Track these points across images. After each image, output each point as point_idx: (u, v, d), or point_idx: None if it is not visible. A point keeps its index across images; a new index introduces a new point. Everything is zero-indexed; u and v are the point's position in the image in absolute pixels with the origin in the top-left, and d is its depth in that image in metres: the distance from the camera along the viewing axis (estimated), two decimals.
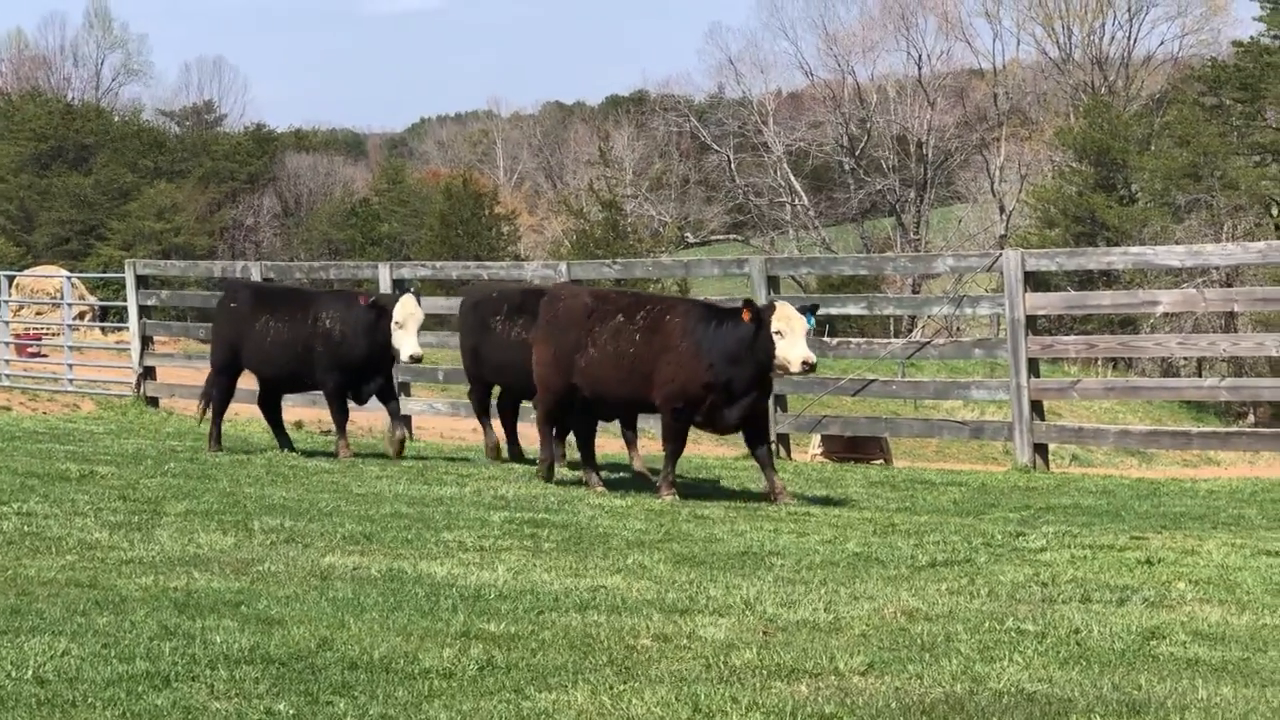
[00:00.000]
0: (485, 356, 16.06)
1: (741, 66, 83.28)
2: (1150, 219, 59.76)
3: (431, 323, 25.92)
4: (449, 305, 23.85)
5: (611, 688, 6.34)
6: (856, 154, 76.81)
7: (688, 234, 77.98)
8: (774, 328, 12.66)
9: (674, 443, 13.46)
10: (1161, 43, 79.55)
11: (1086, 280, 46.84)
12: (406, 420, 19.89)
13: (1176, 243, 45.27)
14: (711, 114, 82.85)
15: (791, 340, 12.64)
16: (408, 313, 15.59)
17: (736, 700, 6.12)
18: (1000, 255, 17.78)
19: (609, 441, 14.91)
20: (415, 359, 15.80)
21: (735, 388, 12.94)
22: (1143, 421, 39.68)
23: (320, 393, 16.85)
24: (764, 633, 7.51)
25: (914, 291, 56.33)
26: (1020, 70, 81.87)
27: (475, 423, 22.84)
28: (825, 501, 13.44)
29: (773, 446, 17.49)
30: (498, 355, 15.80)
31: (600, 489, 13.73)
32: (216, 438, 16.74)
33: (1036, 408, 16.94)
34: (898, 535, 11.14)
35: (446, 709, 6.03)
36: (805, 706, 6.05)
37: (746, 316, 12.78)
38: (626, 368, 13.28)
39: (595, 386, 13.56)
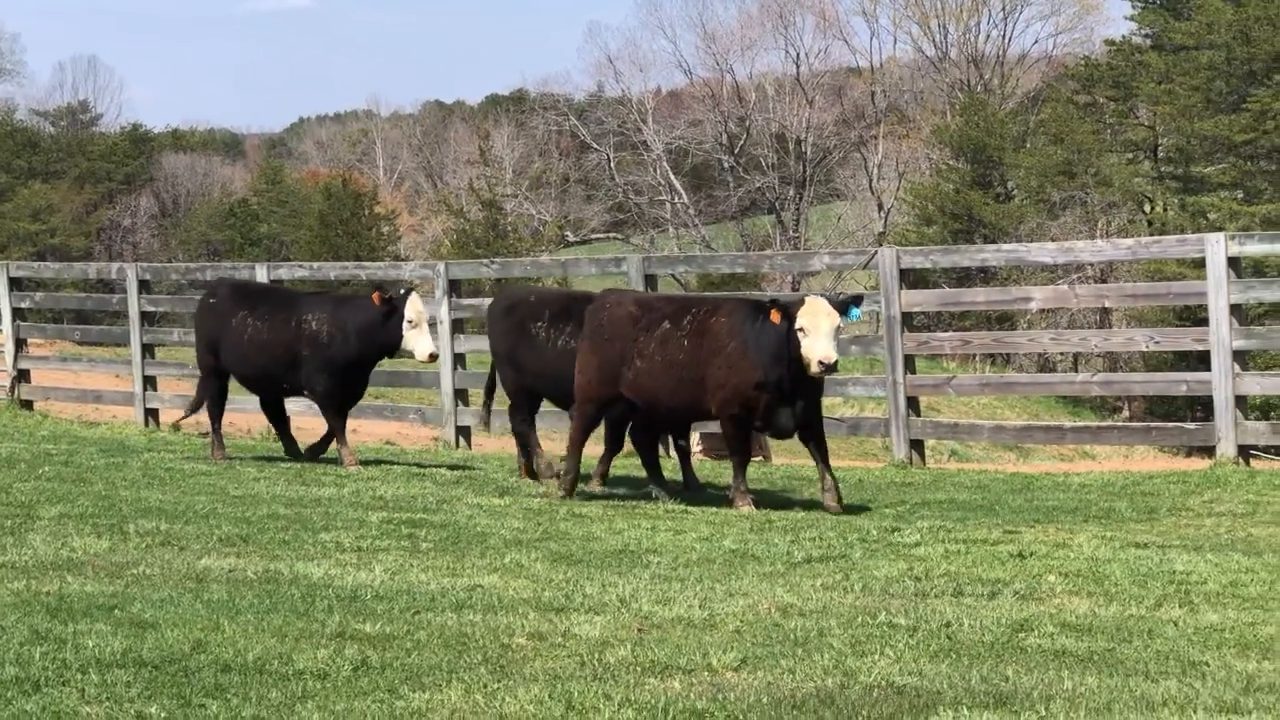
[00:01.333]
0: (526, 364, 14.77)
1: (620, 65, 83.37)
2: (1026, 216, 60.36)
3: None
4: None
5: (485, 686, 6.36)
6: (736, 152, 77.04)
7: (568, 233, 77.87)
8: (798, 324, 12.21)
9: (739, 453, 12.97)
10: (1036, 41, 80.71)
11: (964, 277, 47.21)
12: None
13: (1051, 239, 45.78)
14: (591, 113, 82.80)
15: (814, 338, 12.18)
16: (419, 310, 15.09)
17: (609, 697, 6.15)
18: (876, 253, 17.92)
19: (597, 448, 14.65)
20: (434, 356, 15.42)
21: (786, 388, 12.46)
22: (1019, 416, 40.11)
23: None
24: (639, 630, 7.54)
25: (794, 289, 56.57)
26: (897, 68, 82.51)
27: (355, 422, 22.84)
28: (708, 499, 13.49)
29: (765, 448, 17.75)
30: (539, 363, 14.59)
31: (668, 500, 13.21)
32: (219, 445, 16.23)
33: (913, 404, 17.09)
34: (774, 531, 11.20)
35: (320, 710, 6.02)
36: (677, 703, 6.08)
37: (776, 317, 12.29)
38: (676, 376, 12.78)
39: (647, 397, 13.06)
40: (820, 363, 12.13)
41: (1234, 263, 15.23)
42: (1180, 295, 17.26)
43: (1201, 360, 15.45)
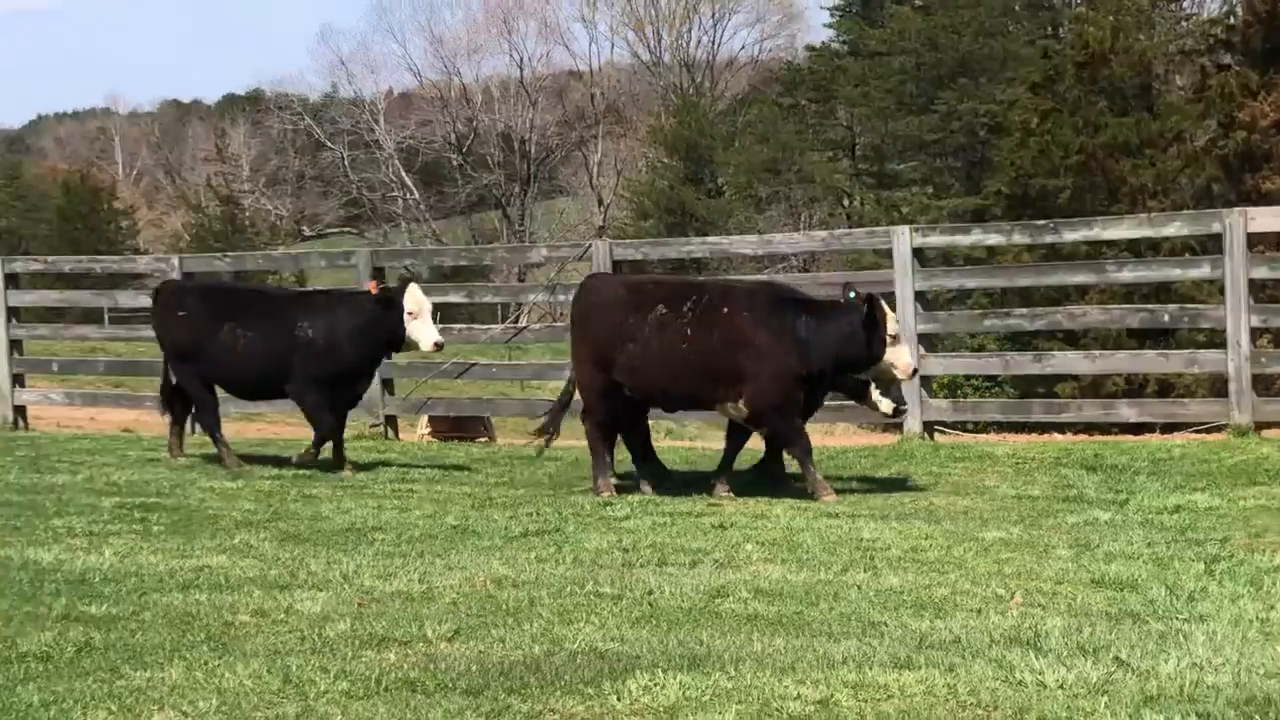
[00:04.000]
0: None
1: (353, 67, 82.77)
2: (735, 210, 61.12)
3: (51, 315, 25.07)
4: (62, 299, 23.16)
5: (206, 663, 6.24)
6: (464, 151, 76.86)
7: (304, 227, 76.99)
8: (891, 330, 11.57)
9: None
10: (743, 47, 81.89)
11: (679, 268, 47.56)
12: (23, 410, 19.28)
13: (758, 232, 46.34)
14: (325, 112, 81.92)
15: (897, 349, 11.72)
16: (419, 301, 13.67)
17: (326, 670, 6.07)
18: (590, 245, 18.01)
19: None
20: (439, 346, 13.85)
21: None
22: None
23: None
24: (359, 604, 7.47)
25: (520, 280, 56.59)
26: (615, 72, 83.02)
27: (94, 410, 22.30)
28: (430, 479, 13.41)
29: (384, 428, 17.52)
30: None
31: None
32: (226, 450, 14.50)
33: None
34: (495, 508, 11.18)
35: (40, 691, 5.85)
36: (391, 673, 6.04)
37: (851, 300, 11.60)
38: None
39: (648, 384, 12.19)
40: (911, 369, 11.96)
41: (919, 253, 15.61)
42: (869, 284, 17.58)
43: None
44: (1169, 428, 15.78)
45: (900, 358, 11.70)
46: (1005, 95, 49.74)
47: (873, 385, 12.22)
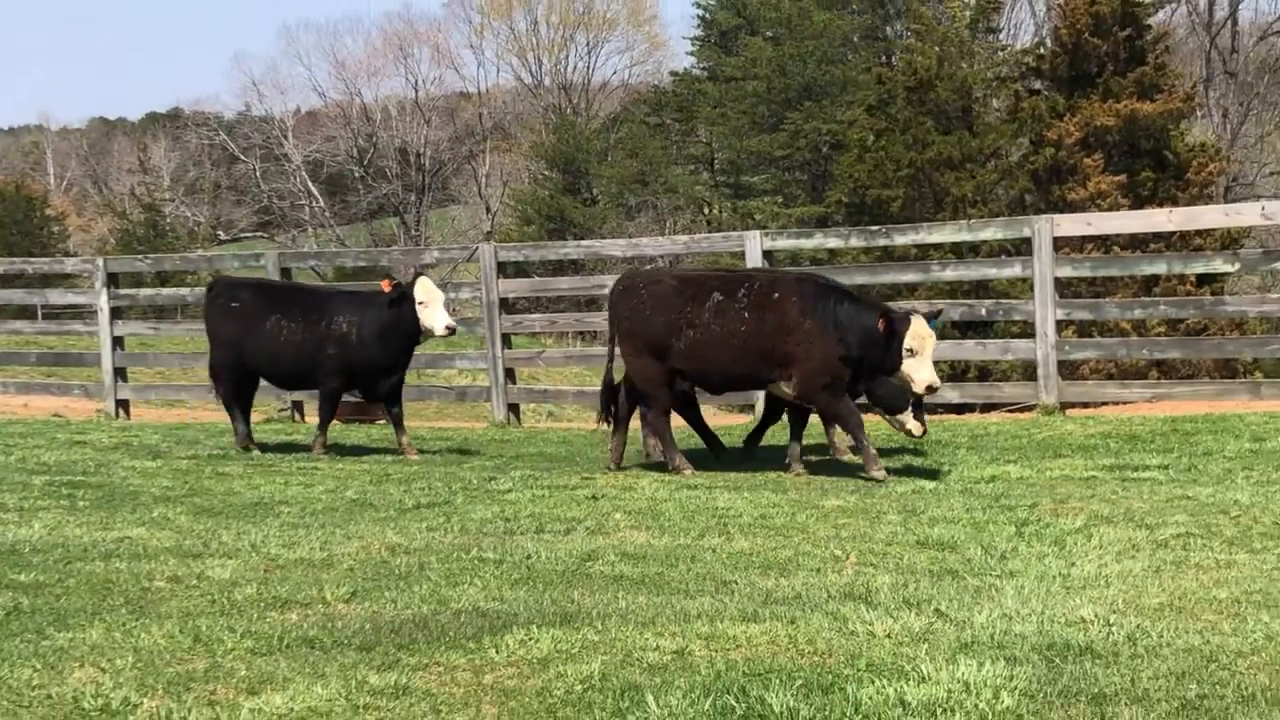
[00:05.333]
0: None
1: (264, 88, 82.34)
2: (609, 217, 61.02)
3: None
4: None
5: (124, 625, 6.13)
6: (365, 163, 76.24)
7: (220, 232, 75.95)
8: (907, 344, 10.73)
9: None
10: (615, 72, 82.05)
11: (559, 269, 47.52)
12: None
13: (629, 236, 46.41)
14: (239, 129, 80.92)
15: (920, 360, 10.81)
16: (428, 290, 13.17)
17: (233, 629, 5.99)
18: (477, 248, 17.93)
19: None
20: (452, 330, 13.28)
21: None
22: None
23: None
24: (265, 570, 7.37)
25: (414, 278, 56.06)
26: (501, 93, 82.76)
27: (26, 397, 21.87)
28: (332, 457, 13.29)
29: (291, 411, 17.30)
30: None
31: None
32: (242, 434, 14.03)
33: (510, 374, 17.17)
34: (390, 483, 11.10)
35: None
36: (292, 631, 5.96)
37: (882, 325, 10.82)
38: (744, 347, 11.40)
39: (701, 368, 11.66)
40: (929, 387, 10.86)
41: (768, 255, 15.69)
42: None
43: None
44: (987, 407, 16.02)
45: (917, 372, 10.81)
46: (845, 116, 50.00)
47: (909, 408, 11.62)
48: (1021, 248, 15.60)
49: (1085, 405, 15.62)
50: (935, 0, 50.66)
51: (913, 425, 11.75)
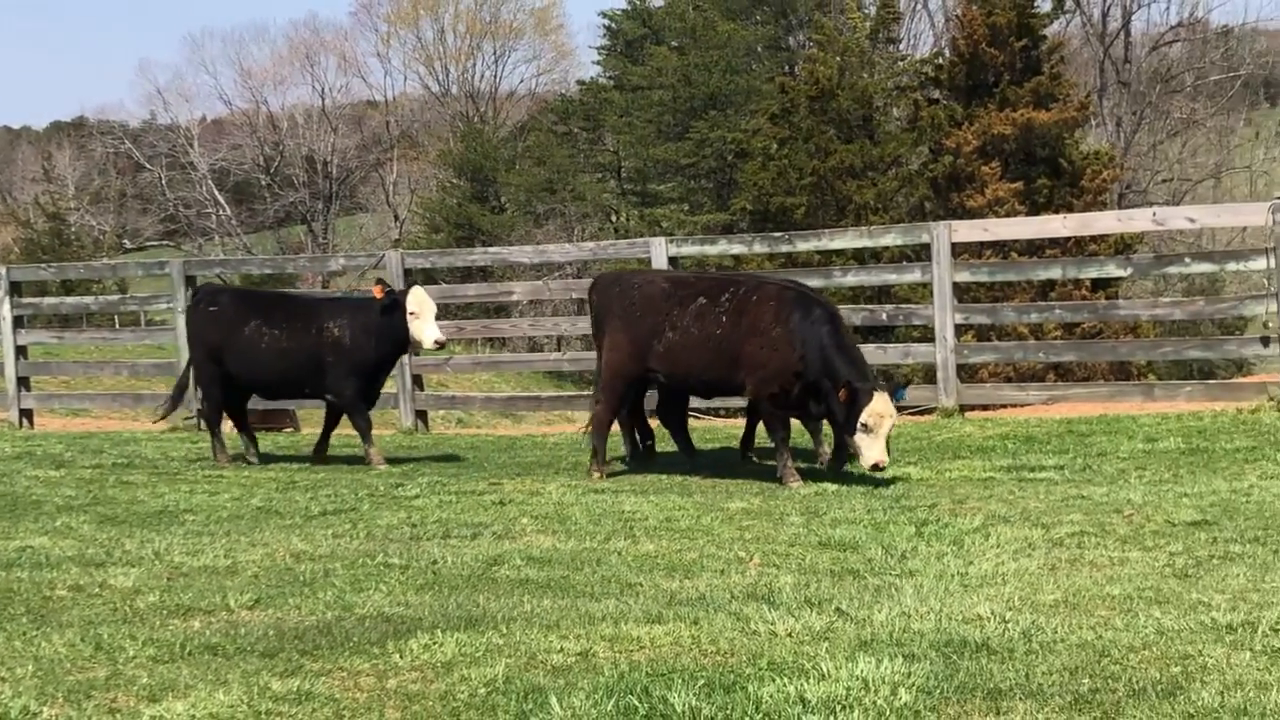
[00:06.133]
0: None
1: (169, 96, 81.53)
2: (517, 225, 60.94)
3: None
4: None
5: (25, 633, 6.03)
6: (272, 172, 75.67)
7: (126, 241, 75.03)
8: (863, 419, 10.39)
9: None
10: (522, 81, 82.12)
11: (467, 275, 47.34)
12: None
13: (537, 244, 46.32)
14: (144, 137, 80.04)
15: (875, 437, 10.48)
16: (421, 301, 12.78)
17: (135, 637, 5.90)
18: (384, 255, 17.83)
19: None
20: (441, 344, 12.92)
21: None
22: (514, 389, 40.52)
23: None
24: (168, 578, 7.28)
25: (324, 287, 55.71)
26: (408, 102, 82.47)
27: None
28: (238, 465, 13.16)
29: (197, 420, 17.08)
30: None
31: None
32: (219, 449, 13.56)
33: (418, 380, 17.08)
34: (297, 490, 11.02)
35: None
36: (195, 639, 5.89)
37: (843, 395, 10.51)
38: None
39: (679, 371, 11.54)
40: (874, 465, 10.47)
41: (674, 261, 15.72)
42: None
43: None
44: None
45: (866, 449, 10.46)
46: (749, 125, 50.27)
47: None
48: (921, 253, 15.73)
49: (984, 408, 15.77)
50: (836, 11, 51.07)
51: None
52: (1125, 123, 56.09)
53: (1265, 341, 13.76)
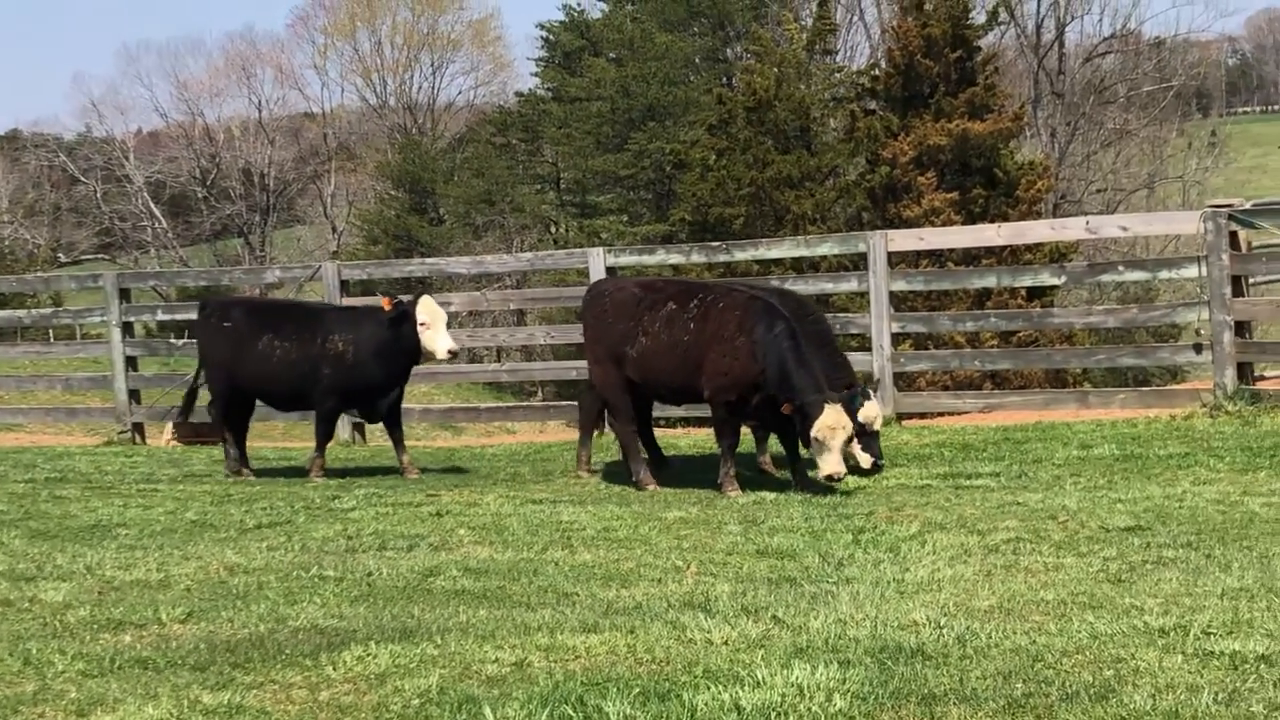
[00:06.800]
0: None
1: (104, 109, 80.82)
2: (456, 237, 60.75)
3: None
4: None
5: None
6: (208, 184, 75.18)
7: (60, 254, 74.28)
8: (814, 433, 10.36)
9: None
10: (460, 92, 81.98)
11: (405, 287, 47.15)
12: None
13: (481, 254, 46.21)
14: (79, 150, 79.39)
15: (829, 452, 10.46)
16: (431, 311, 12.50)
17: (64, 652, 5.83)
18: (320, 266, 17.75)
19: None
20: (454, 354, 12.67)
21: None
22: (453, 401, 40.34)
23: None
24: (99, 592, 7.20)
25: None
26: (346, 114, 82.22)
27: None
28: (173, 479, 13.04)
29: (131, 434, 16.93)
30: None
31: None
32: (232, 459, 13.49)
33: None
34: (232, 504, 10.91)
35: None
36: (126, 653, 5.82)
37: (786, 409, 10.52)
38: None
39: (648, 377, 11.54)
40: (828, 476, 10.38)
41: (612, 270, 15.71)
42: (570, 298, 17.64)
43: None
44: None
45: (820, 461, 10.50)
46: (687, 136, 50.33)
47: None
48: (858, 263, 15.78)
49: (921, 416, 15.85)
50: (773, 23, 51.29)
51: (864, 459, 11.31)
52: (1060, 133, 56.59)
53: (1198, 348, 13.90)
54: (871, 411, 11.29)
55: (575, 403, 16.74)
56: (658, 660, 5.51)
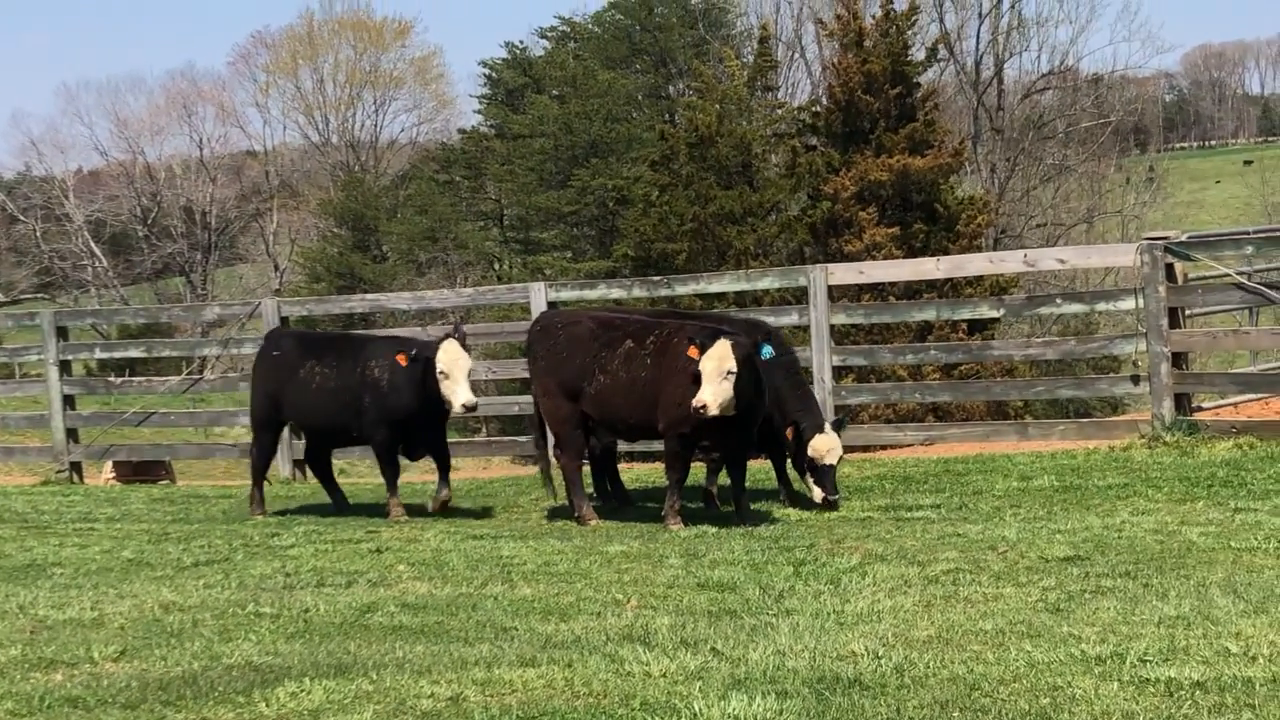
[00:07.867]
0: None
1: (43, 148, 79.87)
2: (399, 274, 60.57)
3: None
4: None
5: None
6: (149, 223, 74.63)
7: None
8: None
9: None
10: (403, 130, 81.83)
11: (348, 323, 46.95)
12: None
13: (423, 290, 46.07)
14: (18, 189, 78.71)
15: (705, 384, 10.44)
16: (451, 360, 11.84)
17: None
18: (259, 304, 17.65)
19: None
20: (469, 408, 11.85)
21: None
22: None
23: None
24: (31, 631, 7.11)
25: (203, 336, 55.00)
26: (288, 151, 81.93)
27: None
28: (110, 518, 12.89)
29: (69, 473, 16.73)
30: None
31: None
32: (259, 500, 13.26)
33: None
34: (169, 542, 10.81)
35: None
36: (56, 692, 5.74)
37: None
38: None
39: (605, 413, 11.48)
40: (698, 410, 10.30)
41: (554, 305, 15.69)
42: (511, 333, 17.61)
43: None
44: None
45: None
46: (630, 172, 50.45)
47: (808, 473, 11.48)
48: (800, 297, 15.83)
49: (863, 449, 15.87)
50: (715, 60, 51.52)
51: (815, 493, 11.48)
52: (999, 169, 57.05)
53: (1136, 380, 14.00)
54: (823, 445, 11.35)
55: (519, 439, 16.73)
56: (595, 693, 5.48)
